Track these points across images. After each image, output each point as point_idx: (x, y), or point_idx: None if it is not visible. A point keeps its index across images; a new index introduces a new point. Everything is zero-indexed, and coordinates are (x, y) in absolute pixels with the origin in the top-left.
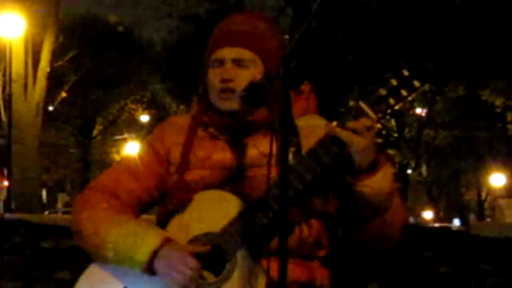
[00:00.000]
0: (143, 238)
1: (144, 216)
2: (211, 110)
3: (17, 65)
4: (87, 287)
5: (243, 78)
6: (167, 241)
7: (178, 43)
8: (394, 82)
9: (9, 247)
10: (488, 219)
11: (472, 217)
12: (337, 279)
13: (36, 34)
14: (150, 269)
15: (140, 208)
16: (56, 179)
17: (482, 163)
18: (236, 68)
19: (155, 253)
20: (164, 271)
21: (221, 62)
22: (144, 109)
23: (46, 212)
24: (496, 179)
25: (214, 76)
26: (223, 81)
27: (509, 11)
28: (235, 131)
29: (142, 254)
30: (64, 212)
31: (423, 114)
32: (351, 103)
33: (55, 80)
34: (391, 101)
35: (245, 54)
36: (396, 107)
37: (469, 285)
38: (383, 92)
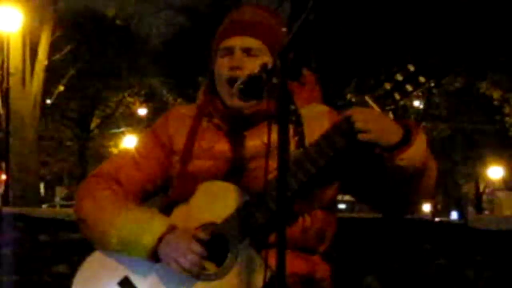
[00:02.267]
0: (148, 225)
1: None
2: (217, 100)
3: (15, 58)
4: (88, 275)
5: (251, 66)
6: (172, 228)
7: (175, 37)
8: (399, 77)
9: (7, 241)
10: (486, 212)
11: (470, 209)
12: (335, 272)
13: (34, 28)
14: (154, 256)
15: (143, 196)
16: (54, 173)
17: (479, 155)
18: (245, 57)
19: (160, 240)
20: (168, 256)
21: (230, 51)
22: (141, 103)
23: (44, 206)
24: (494, 172)
25: (222, 65)
26: (231, 68)
27: (507, 3)
28: (239, 122)
29: (147, 240)
30: (62, 206)
31: (421, 107)
32: (349, 96)
33: (52, 73)
34: (396, 96)
35: (254, 43)
36: (401, 103)
37: (467, 278)
38: (388, 86)
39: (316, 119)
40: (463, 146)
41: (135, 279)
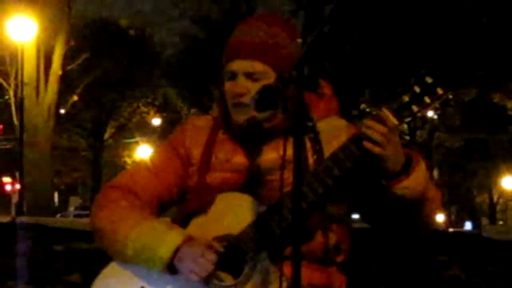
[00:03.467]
0: (164, 236)
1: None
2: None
3: (29, 68)
4: (104, 286)
5: (255, 91)
6: (188, 239)
7: (189, 46)
8: (417, 89)
9: (20, 250)
10: (500, 222)
11: (484, 220)
12: (350, 283)
13: (48, 38)
14: (170, 268)
15: (159, 207)
16: (67, 182)
17: (493, 165)
18: (248, 81)
19: (176, 251)
20: (183, 266)
21: (233, 75)
22: (155, 112)
23: (58, 215)
24: (508, 182)
25: (227, 88)
26: (235, 96)
27: None
28: (256, 136)
29: (164, 252)
30: (76, 215)
31: (435, 117)
32: (363, 106)
33: (66, 83)
34: (414, 108)
35: (257, 66)
36: (419, 114)
37: None
38: (406, 98)
39: (334, 133)
40: (477, 156)
41: None
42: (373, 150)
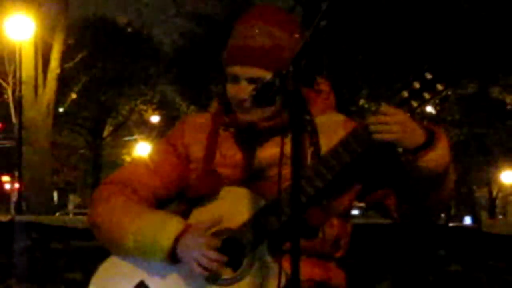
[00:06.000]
0: (165, 225)
1: None
2: (231, 110)
3: (27, 67)
4: (103, 280)
5: None
6: (189, 227)
7: (188, 44)
8: (416, 85)
9: (20, 249)
10: (500, 217)
11: (483, 214)
12: (350, 277)
13: (46, 36)
14: (172, 257)
15: (157, 203)
16: (66, 181)
17: (492, 160)
18: (251, 86)
19: (177, 240)
20: (187, 255)
21: (235, 79)
22: (154, 110)
23: (57, 214)
24: (507, 176)
25: (230, 91)
26: (238, 100)
27: None
28: (256, 134)
29: (165, 240)
30: (75, 214)
31: (434, 112)
32: (362, 102)
33: (65, 81)
34: (413, 103)
35: (260, 73)
36: (418, 110)
37: (481, 283)
38: (405, 94)
39: (332, 128)
40: (476, 151)
41: (150, 283)
42: (384, 139)
